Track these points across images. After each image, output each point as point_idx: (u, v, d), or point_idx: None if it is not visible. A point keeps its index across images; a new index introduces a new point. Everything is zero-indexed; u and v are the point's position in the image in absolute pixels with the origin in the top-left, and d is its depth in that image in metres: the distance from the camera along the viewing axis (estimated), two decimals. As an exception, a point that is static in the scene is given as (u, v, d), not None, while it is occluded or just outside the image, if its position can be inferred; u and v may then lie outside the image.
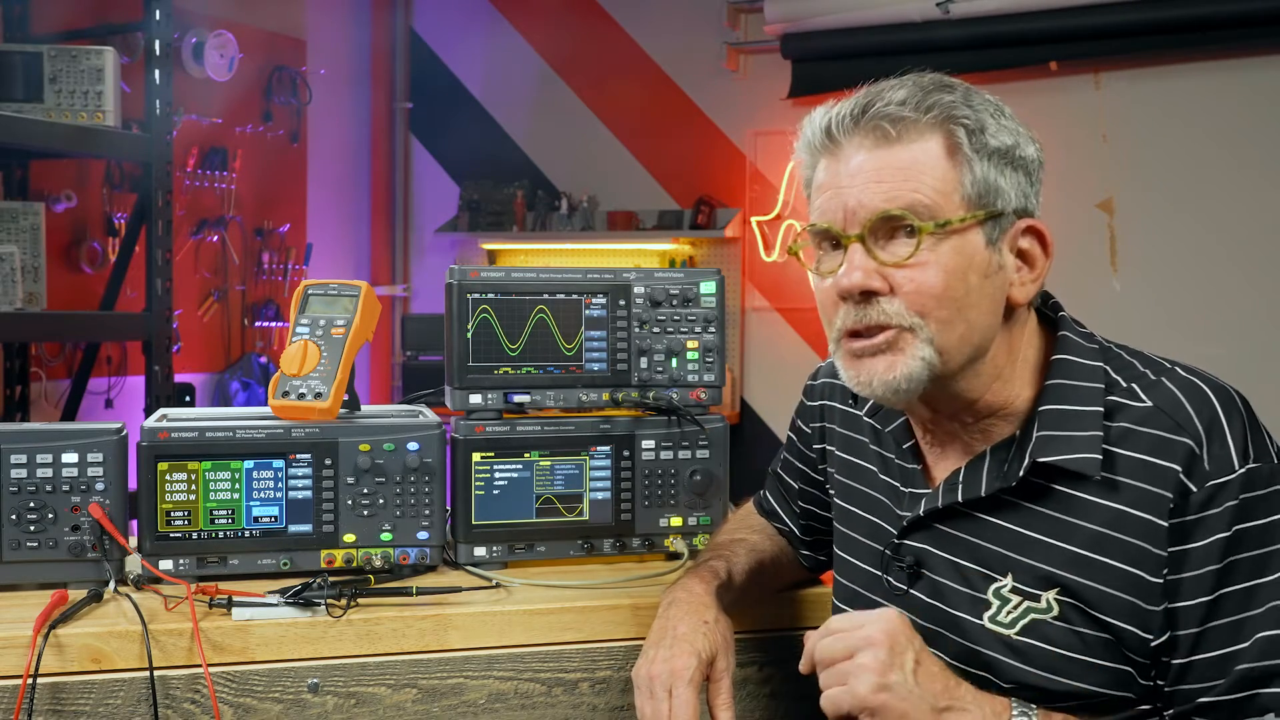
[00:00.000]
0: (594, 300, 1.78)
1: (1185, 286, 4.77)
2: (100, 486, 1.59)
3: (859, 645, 1.22)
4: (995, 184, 1.26)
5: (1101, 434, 1.25)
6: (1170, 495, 1.21)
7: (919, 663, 1.22)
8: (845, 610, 1.49)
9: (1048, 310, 1.38)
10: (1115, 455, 1.25)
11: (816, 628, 1.69)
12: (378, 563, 1.67)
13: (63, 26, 4.50)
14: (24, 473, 1.57)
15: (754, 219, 5.77)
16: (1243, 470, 1.21)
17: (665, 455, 1.80)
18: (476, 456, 1.74)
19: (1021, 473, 1.28)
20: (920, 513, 1.36)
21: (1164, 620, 1.22)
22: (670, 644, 1.44)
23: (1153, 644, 1.22)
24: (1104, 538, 1.24)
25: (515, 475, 1.76)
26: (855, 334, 1.29)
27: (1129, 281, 4.87)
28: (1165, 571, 1.21)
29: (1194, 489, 1.21)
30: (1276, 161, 4.61)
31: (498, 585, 1.66)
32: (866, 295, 1.27)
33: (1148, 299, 4.79)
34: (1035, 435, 1.28)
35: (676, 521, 1.80)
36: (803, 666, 1.29)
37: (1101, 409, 1.26)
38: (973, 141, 1.26)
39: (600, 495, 1.78)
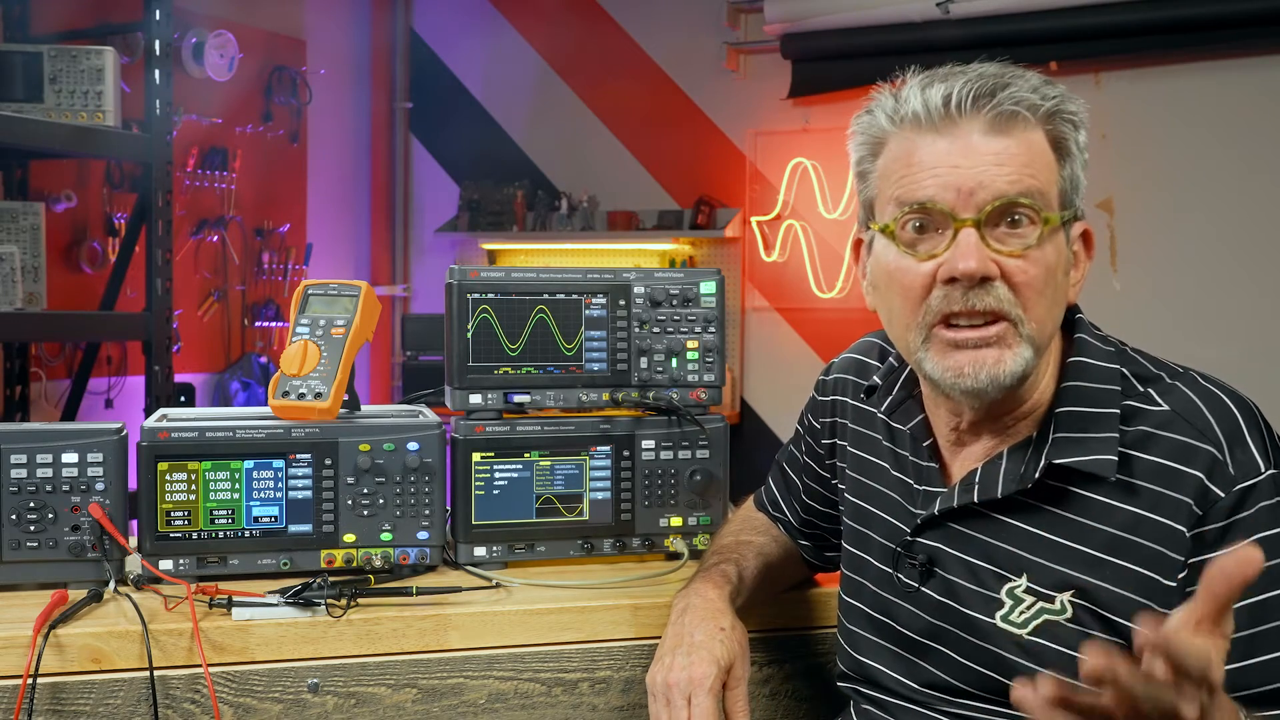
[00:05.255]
0: (594, 300, 1.78)
1: (1185, 286, 4.77)
2: (100, 486, 1.59)
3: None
4: (1079, 182, 1.29)
5: (1117, 436, 1.25)
6: (1191, 501, 1.21)
7: None
8: (851, 603, 1.49)
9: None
10: (1133, 459, 1.25)
11: (814, 628, 1.71)
12: (378, 563, 1.67)
13: (63, 26, 4.50)
14: (24, 473, 1.57)
15: (754, 219, 5.77)
16: (1269, 473, 1.21)
17: (665, 455, 1.80)
18: (476, 456, 1.74)
19: (1037, 475, 1.27)
20: (935, 511, 1.36)
21: None
22: (688, 651, 1.43)
23: None
24: (1120, 541, 1.24)
25: (515, 475, 1.76)
26: (955, 323, 1.26)
27: (1129, 281, 4.87)
28: (1183, 576, 1.21)
29: (1221, 494, 1.20)
30: (1277, 161, 4.61)
31: (498, 585, 1.66)
32: (983, 281, 1.24)
33: (1148, 299, 4.79)
34: (1052, 437, 1.28)
35: (676, 521, 1.80)
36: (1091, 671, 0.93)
37: (1118, 411, 1.26)
38: (1076, 137, 1.28)
39: (600, 495, 1.78)
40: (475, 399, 1.76)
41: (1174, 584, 1.21)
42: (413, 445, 1.68)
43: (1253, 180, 4.65)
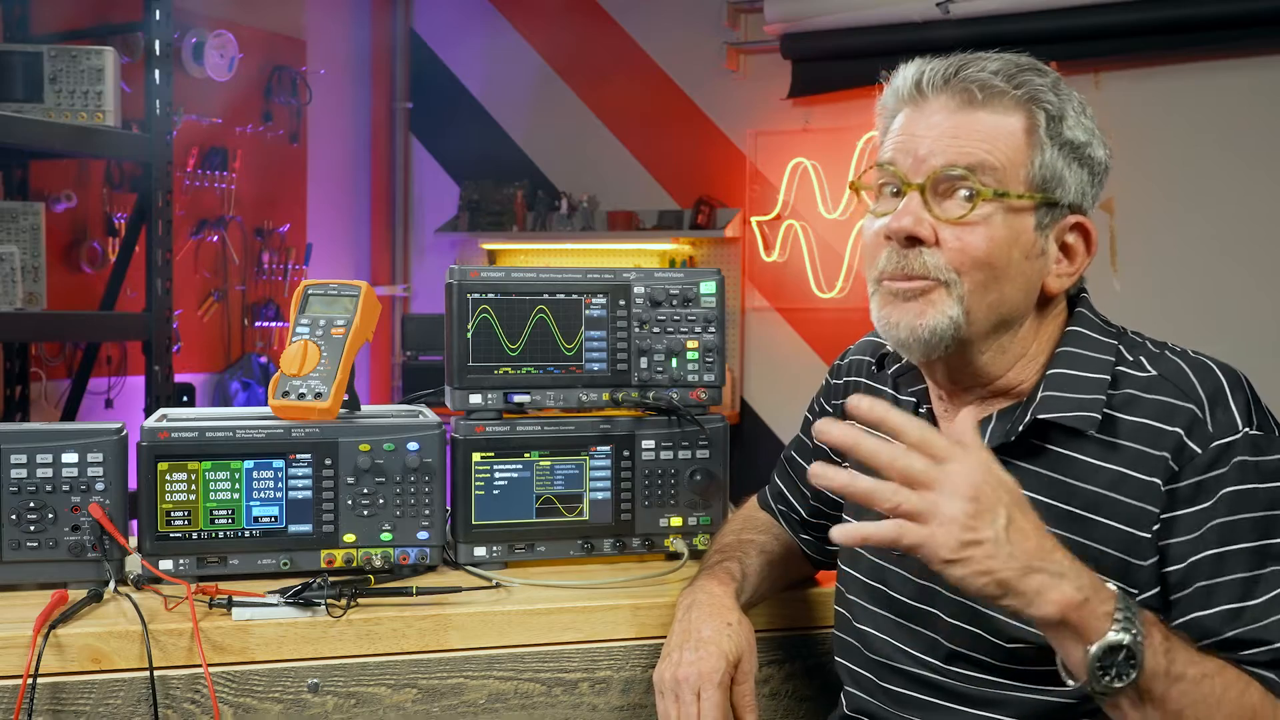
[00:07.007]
0: (594, 300, 1.78)
1: (1185, 286, 4.77)
2: (100, 486, 1.59)
3: (942, 484, 1.11)
4: (1060, 174, 1.32)
5: (1104, 399, 1.29)
6: (1168, 455, 1.24)
7: (1011, 520, 1.12)
8: (849, 572, 1.51)
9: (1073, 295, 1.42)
10: (1117, 419, 1.28)
11: (814, 627, 1.71)
12: (378, 563, 1.67)
13: (63, 26, 4.50)
14: (24, 473, 1.57)
15: (754, 219, 5.77)
16: (1245, 432, 1.23)
17: (665, 455, 1.80)
18: (476, 456, 1.74)
19: (1021, 428, 1.31)
20: None
21: (1150, 576, 1.24)
22: (695, 646, 1.45)
23: (1136, 599, 1.23)
24: (1102, 498, 1.27)
25: (515, 475, 1.76)
26: (894, 278, 1.33)
27: (1129, 281, 4.87)
28: (1157, 529, 1.24)
29: (1197, 450, 1.23)
30: (1277, 161, 4.61)
31: (498, 585, 1.66)
32: (911, 241, 1.30)
33: (1148, 299, 4.79)
34: (1040, 395, 1.31)
35: (676, 521, 1.80)
36: (833, 436, 1.14)
37: (1108, 378, 1.30)
38: (1050, 127, 1.31)
39: (600, 495, 1.78)
40: (475, 399, 1.76)
41: (1148, 535, 1.24)
42: (413, 445, 1.68)
43: (1253, 180, 4.65)
